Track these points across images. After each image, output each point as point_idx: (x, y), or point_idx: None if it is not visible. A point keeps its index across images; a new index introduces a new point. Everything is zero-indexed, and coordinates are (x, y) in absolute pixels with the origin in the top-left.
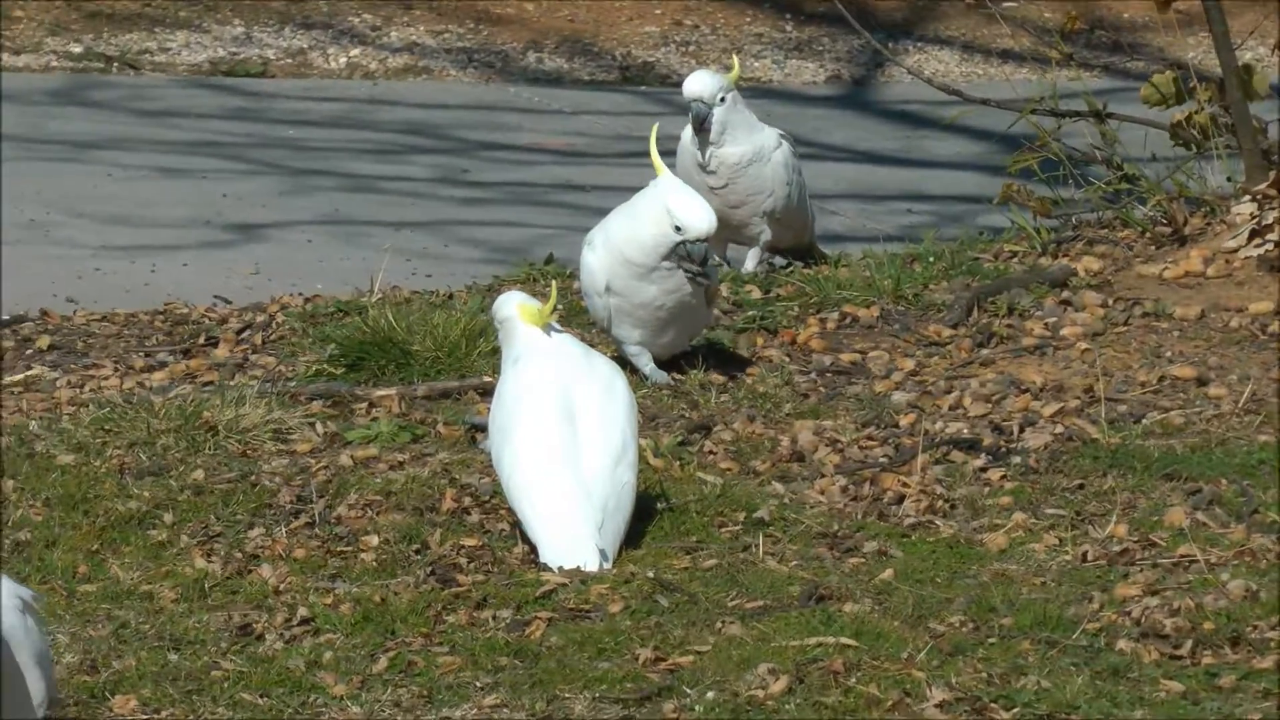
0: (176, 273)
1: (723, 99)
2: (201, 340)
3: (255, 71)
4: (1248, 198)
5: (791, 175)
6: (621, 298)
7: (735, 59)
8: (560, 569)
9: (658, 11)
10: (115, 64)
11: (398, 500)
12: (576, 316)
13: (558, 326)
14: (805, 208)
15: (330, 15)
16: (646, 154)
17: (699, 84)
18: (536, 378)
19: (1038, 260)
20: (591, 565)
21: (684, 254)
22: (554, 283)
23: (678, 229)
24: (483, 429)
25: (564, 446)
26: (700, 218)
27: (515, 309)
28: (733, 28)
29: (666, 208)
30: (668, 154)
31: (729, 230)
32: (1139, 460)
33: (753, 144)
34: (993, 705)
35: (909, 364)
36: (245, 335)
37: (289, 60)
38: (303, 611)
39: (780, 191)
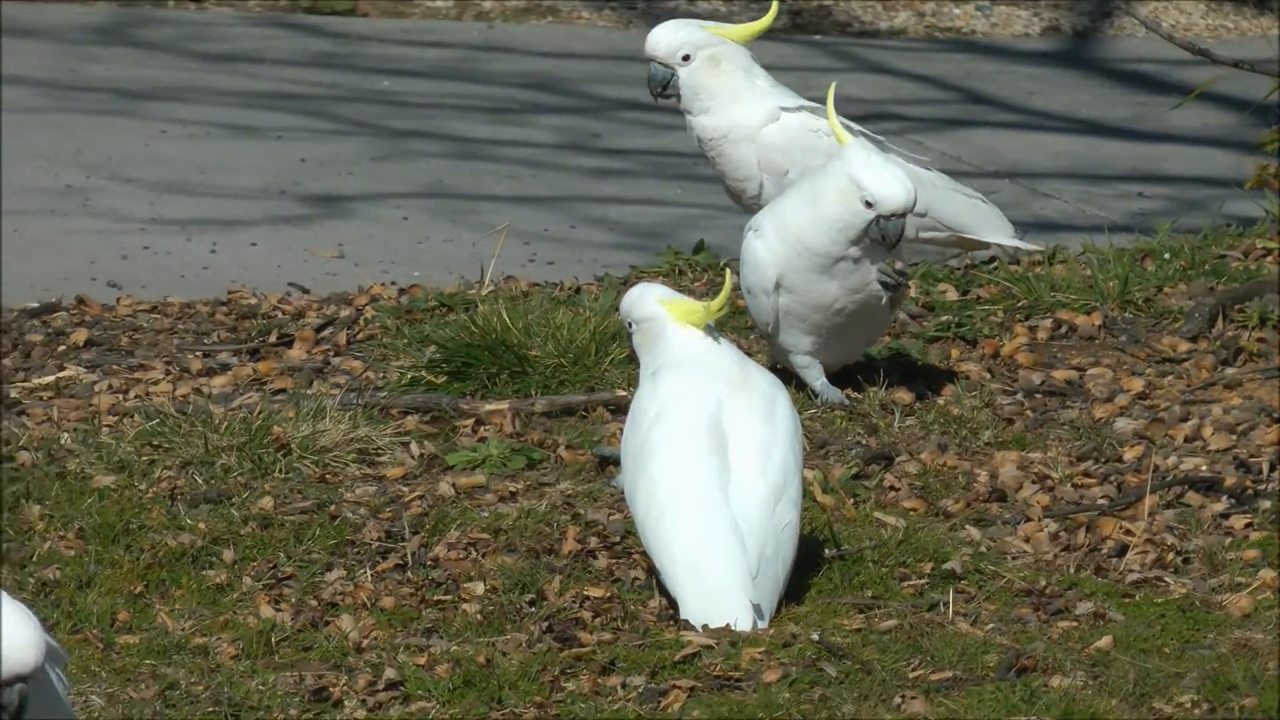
0: (243, 254)
1: (687, 57)
2: (273, 338)
3: (343, 8)
4: None
5: (796, 158)
6: (794, 296)
7: (775, 4)
8: (705, 628)
9: None
10: None
11: (508, 540)
12: (729, 320)
13: (714, 330)
14: None
15: None
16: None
17: (654, 39)
18: (680, 394)
19: None
20: (743, 624)
21: (877, 235)
22: (728, 271)
23: (869, 204)
24: (615, 462)
25: (713, 479)
26: (895, 189)
27: (658, 306)
28: None
29: (853, 179)
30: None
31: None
32: None
33: (727, 117)
34: None
35: (1137, 384)
36: (326, 333)
37: None
38: (390, 673)
39: (770, 181)
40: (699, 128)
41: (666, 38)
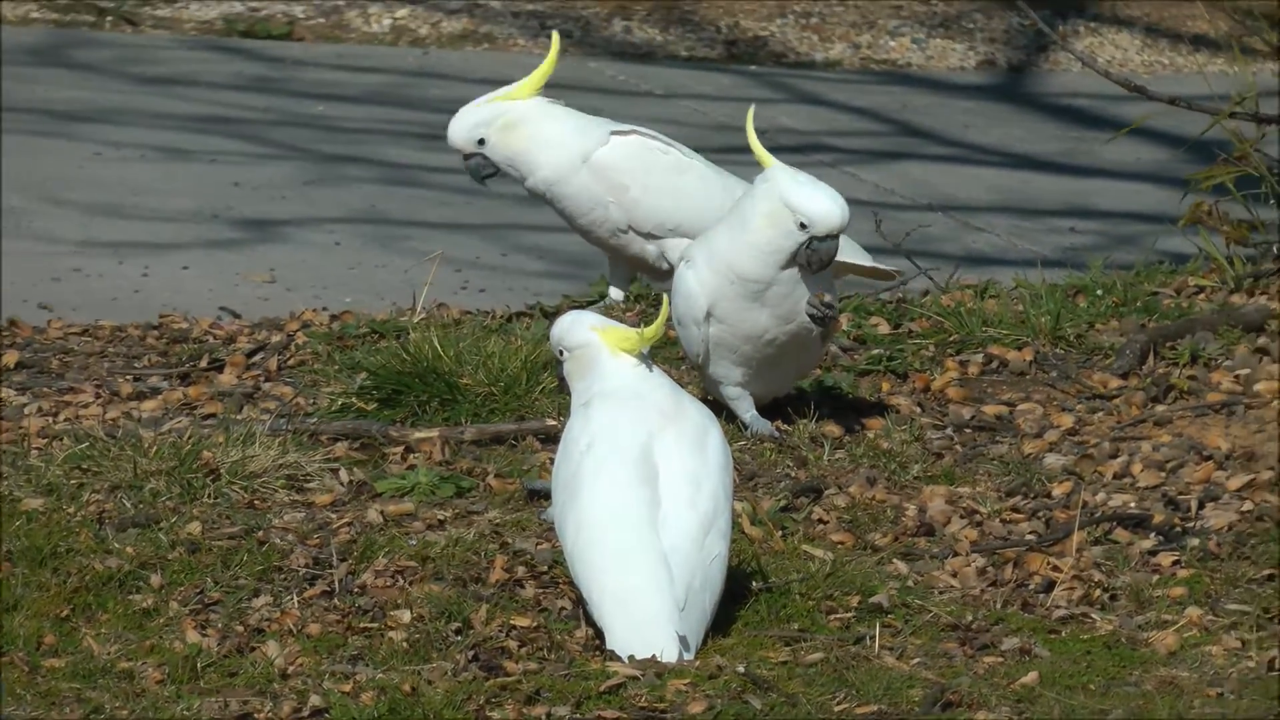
0: (175, 277)
1: (482, 140)
2: (204, 363)
3: (279, 33)
4: None
5: (644, 179)
6: (725, 326)
7: (555, 43)
8: (631, 659)
9: None
10: (109, 17)
11: (436, 568)
12: (661, 350)
13: (648, 359)
14: (700, 219)
15: None
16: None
17: (450, 136)
18: (612, 424)
19: (1229, 298)
20: (670, 655)
21: (807, 260)
22: (665, 297)
23: (802, 226)
24: (545, 495)
25: (642, 510)
26: (828, 207)
27: (591, 333)
28: None
29: (784, 200)
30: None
31: (618, 262)
32: None
33: (551, 166)
34: None
35: (1067, 420)
36: (257, 359)
37: (320, 20)
38: (315, 700)
39: (624, 202)
40: (532, 189)
41: (456, 132)
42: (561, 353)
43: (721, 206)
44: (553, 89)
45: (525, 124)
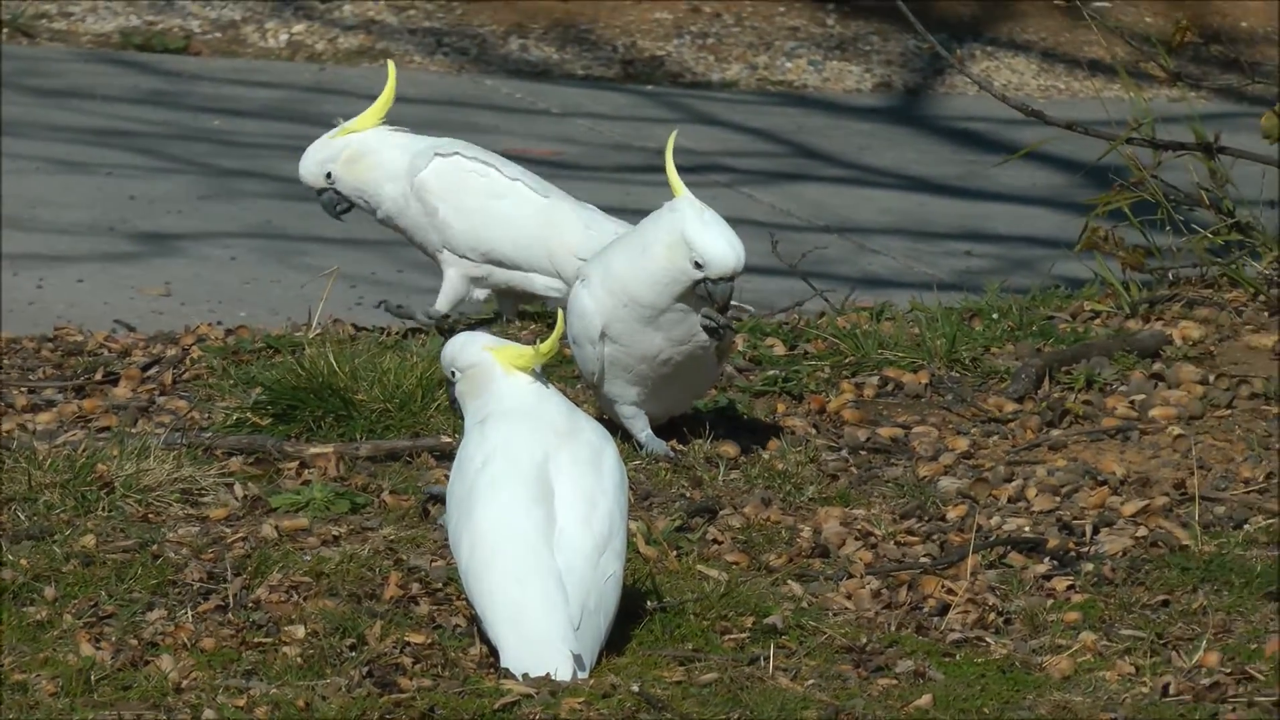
0: (70, 290)
1: (329, 174)
2: (98, 376)
3: (175, 46)
4: None
5: (452, 199)
6: (619, 347)
7: (391, 74)
8: (525, 677)
9: None
10: (4, 29)
11: (330, 583)
12: (556, 368)
13: (543, 377)
14: (524, 243)
15: None
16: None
17: (301, 171)
18: (507, 442)
19: (1124, 323)
20: (564, 674)
21: (704, 294)
22: (560, 312)
23: (698, 265)
24: (442, 500)
25: (537, 529)
26: (725, 252)
27: (484, 353)
28: (762, 19)
29: (684, 238)
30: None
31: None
32: (1237, 574)
33: (387, 199)
34: None
35: (962, 444)
36: (152, 372)
37: (217, 34)
38: (209, 715)
39: (435, 223)
40: (384, 221)
41: (305, 168)
42: (453, 373)
43: (539, 234)
44: (448, 106)
45: (368, 155)
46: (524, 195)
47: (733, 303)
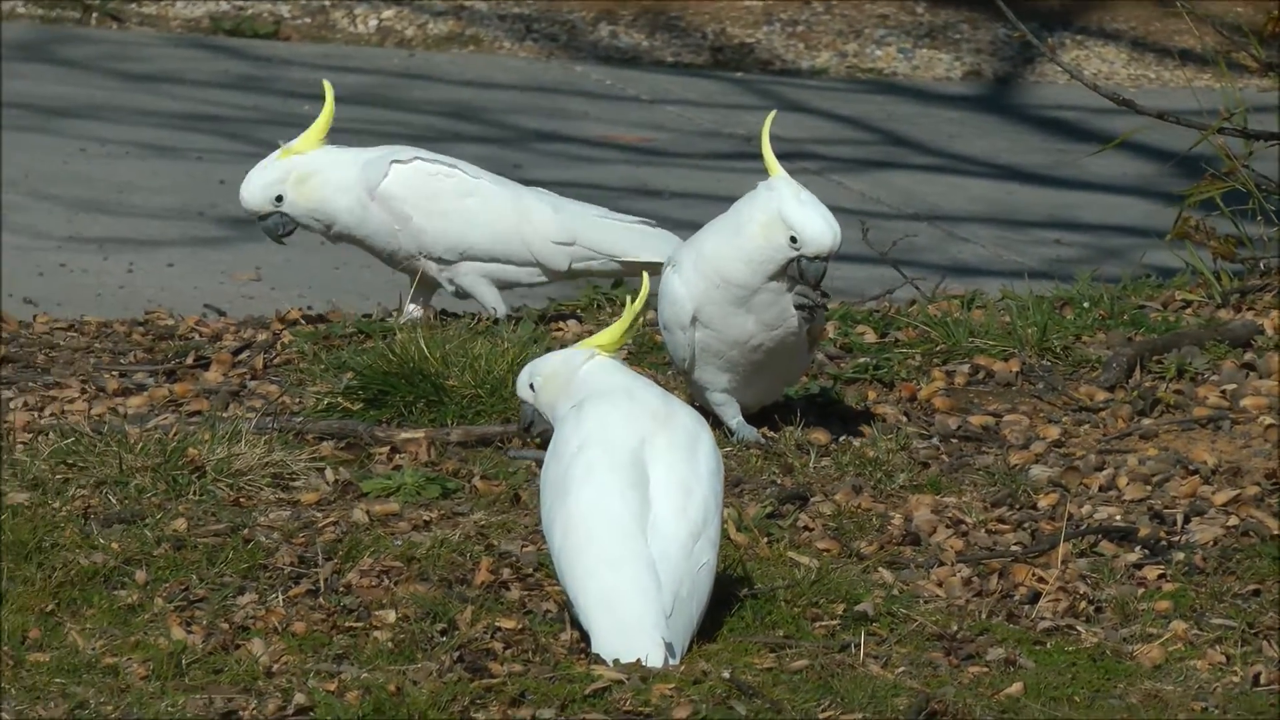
0: (160, 274)
1: (280, 197)
2: (189, 360)
3: (265, 31)
4: None
5: (425, 205)
6: (711, 332)
7: (329, 94)
8: (616, 663)
9: None
10: (94, 14)
11: (421, 568)
12: (647, 354)
13: (624, 367)
14: (499, 236)
15: None
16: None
17: (245, 197)
18: (604, 427)
19: (1215, 313)
20: (655, 660)
21: (795, 274)
22: (629, 296)
23: (794, 242)
24: (538, 463)
25: (631, 515)
26: (822, 229)
27: (561, 351)
28: (851, 6)
29: (780, 215)
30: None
31: (429, 286)
32: None
33: (342, 213)
34: None
35: (1053, 432)
36: (243, 357)
37: (307, 20)
38: (300, 699)
39: (412, 229)
40: (337, 236)
41: (250, 194)
42: (533, 385)
43: (514, 225)
44: (537, 92)
45: (316, 173)
46: (490, 191)
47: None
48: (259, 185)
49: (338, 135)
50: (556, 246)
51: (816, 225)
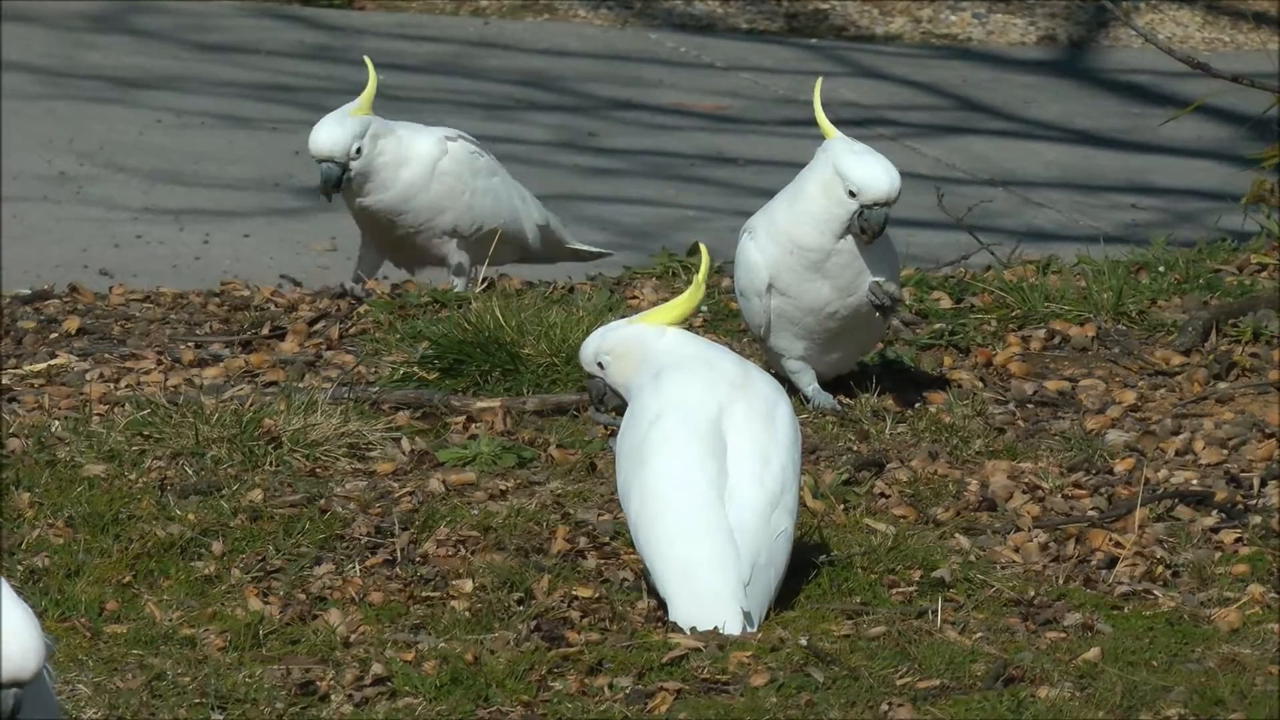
0: (236, 245)
1: (360, 150)
2: (265, 330)
3: (340, 2)
4: None
5: (473, 183)
6: (787, 299)
7: (371, 68)
8: (694, 630)
9: None
10: None
11: (498, 537)
12: (722, 322)
13: (700, 338)
14: (509, 212)
15: None
16: (813, 122)
17: (328, 141)
18: (681, 394)
19: None
20: (733, 628)
21: (860, 226)
22: (704, 254)
23: (852, 194)
24: (615, 428)
25: (709, 483)
26: (878, 175)
27: (629, 326)
28: None
29: (836, 169)
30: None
31: (411, 258)
32: None
33: (399, 186)
34: None
35: (1129, 397)
36: (319, 327)
37: None
38: (377, 669)
39: (457, 207)
40: (373, 206)
41: (341, 136)
42: (601, 363)
43: (519, 206)
44: (612, 60)
45: (392, 135)
46: (502, 173)
47: (888, 288)
48: (344, 135)
49: (417, 105)
50: (537, 229)
51: (871, 171)
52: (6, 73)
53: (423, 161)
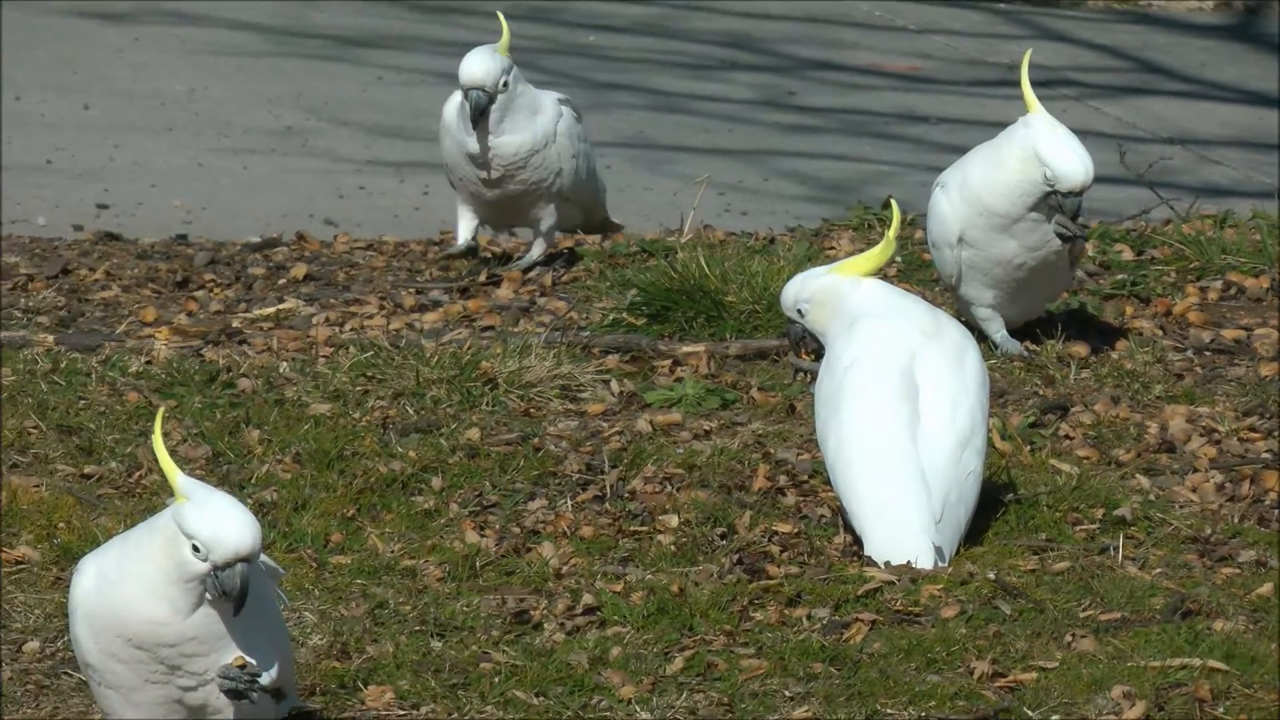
0: (454, 197)
1: (506, 84)
2: (482, 278)
3: None
4: None
5: (578, 146)
6: (976, 251)
7: (503, 20)
8: (888, 565)
9: None
10: None
11: (702, 475)
12: (915, 272)
13: (894, 288)
14: (594, 180)
15: None
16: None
17: (480, 69)
18: (876, 342)
19: None
20: (925, 562)
21: (1055, 206)
22: (895, 210)
23: (1048, 179)
24: (814, 374)
25: (902, 426)
26: (1076, 168)
27: (826, 275)
28: None
29: (1037, 153)
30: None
31: (510, 215)
32: None
33: (533, 130)
34: None
35: None
36: (533, 274)
37: None
38: (588, 599)
39: (568, 168)
40: (502, 148)
41: (493, 67)
42: (800, 310)
43: (600, 175)
44: (809, 23)
45: (518, 83)
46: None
47: (1075, 223)
48: (495, 65)
49: (625, 64)
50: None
51: (1070, 163)
52: (237, 32)
53: (549, 115)
